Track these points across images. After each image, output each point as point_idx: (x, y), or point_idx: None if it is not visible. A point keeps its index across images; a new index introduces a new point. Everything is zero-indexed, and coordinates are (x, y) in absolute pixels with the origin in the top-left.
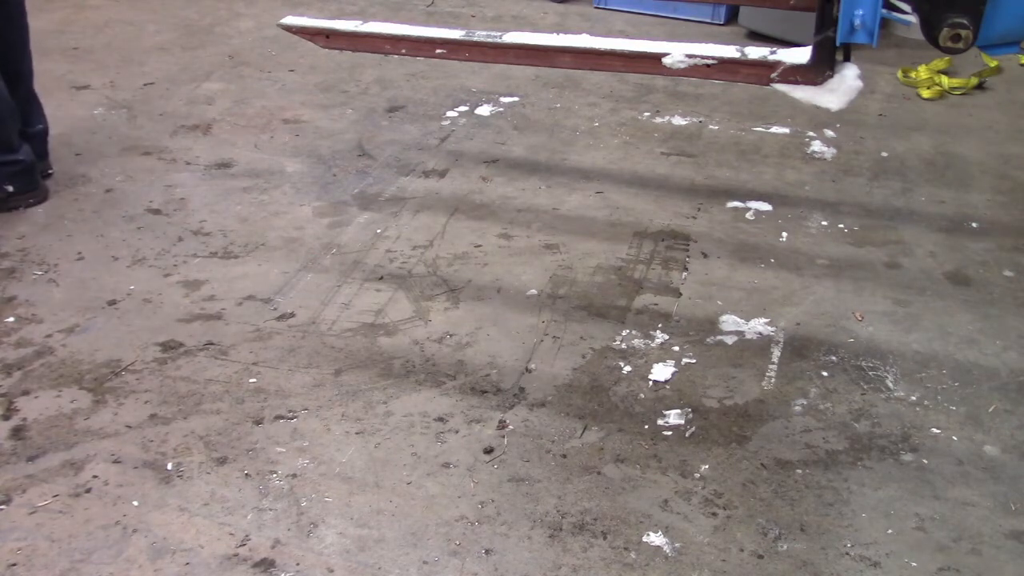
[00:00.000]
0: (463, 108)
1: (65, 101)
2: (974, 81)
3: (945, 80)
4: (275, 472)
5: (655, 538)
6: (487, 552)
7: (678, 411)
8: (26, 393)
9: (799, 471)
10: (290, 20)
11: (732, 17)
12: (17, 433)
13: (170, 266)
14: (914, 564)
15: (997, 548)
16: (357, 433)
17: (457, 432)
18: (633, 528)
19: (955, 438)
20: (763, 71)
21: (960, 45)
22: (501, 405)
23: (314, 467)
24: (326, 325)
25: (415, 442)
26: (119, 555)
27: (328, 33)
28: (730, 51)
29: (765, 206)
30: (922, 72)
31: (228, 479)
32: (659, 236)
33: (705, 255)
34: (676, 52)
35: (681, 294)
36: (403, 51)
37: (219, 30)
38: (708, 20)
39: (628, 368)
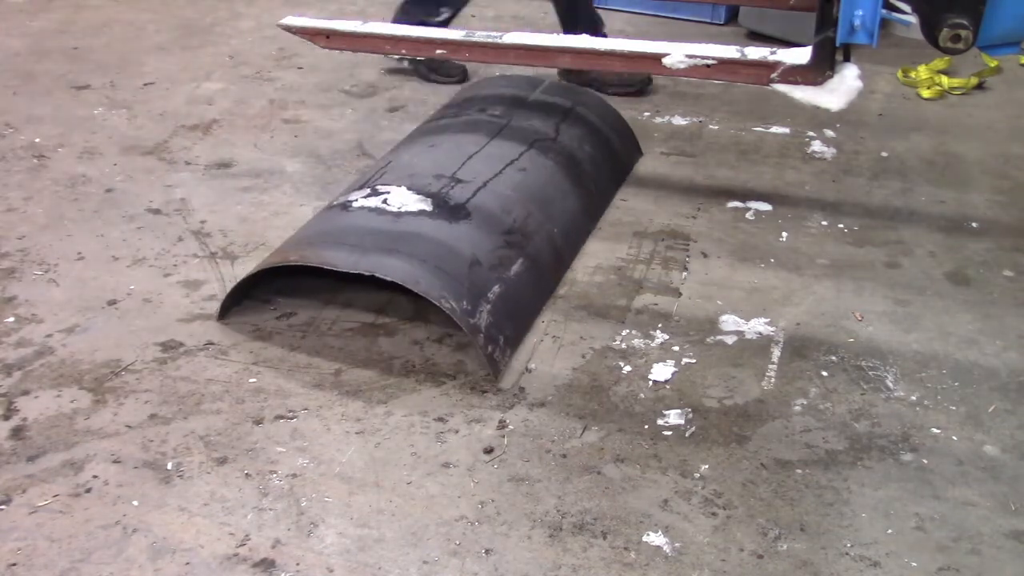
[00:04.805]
0: None
1: (65, 101)
2: (974, 81)
3: (945, 80)
4: (275, 472)
5: (655, 538)
6: (487, 552)
7: (678, 411)
8: (26, 393)
9: (799, 471)
10: (290, 20)
11: (732, 17)
12: (17, 433)
13: (170, 266)
14: (914, 564)
15: (997, 548)
16: (357, 433)
17: (457, 432)
18: (633, 528)
19: (955, 438)
20: (763, 71)
21: (960, 45)
22: (501, 405)
23: (314, 467)
24: (326, 325)
25: (415, 442)
26: (119, 555)
27: (328, 33)
28: (730, 51)
29: (765, 206)
30: (922, 72)
31: (228, 479)
32: (659, 236)
33: (705, 255)
34: (676, 52)
35: (681, 294)
36: (403, 51)
37: (219, 30)
38: (708, 20)
39: (628, 368)
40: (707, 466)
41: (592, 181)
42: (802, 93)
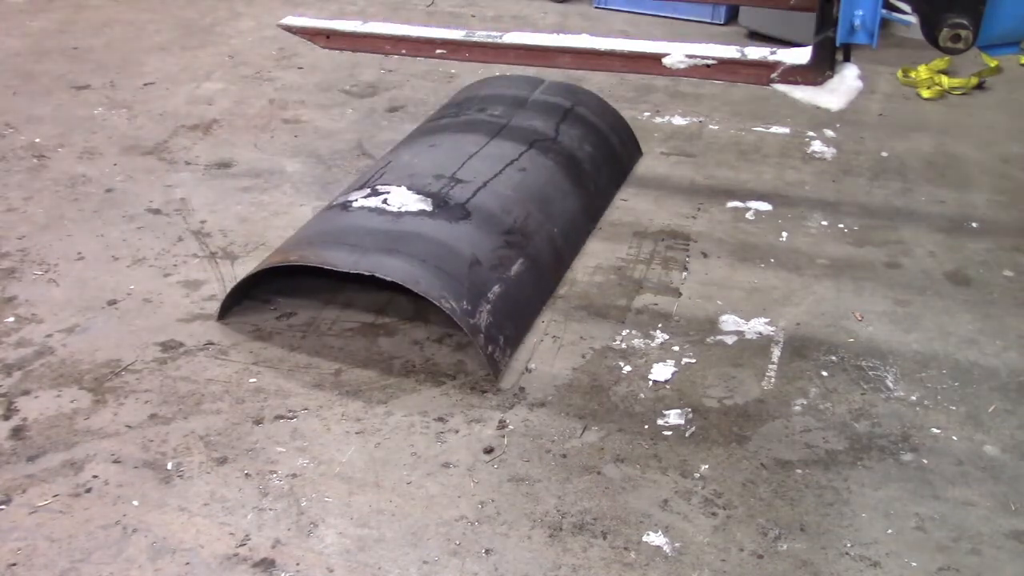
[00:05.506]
0: None
1: (65, 101)
2: (974, 81)
3: (945, 80)
4: (275, 472)
5: (655, 538)
6: (487, 552)
7: (678, 411)
8: (26, 393)
9: (799, 471)
10: (290, 20)
11: (732, 17)
12: (17, 433)
13: (170, 266)
14: (914, 564)
15: (997, 548)
16: (357, 433)
17: (457, 432)
18: (633, 528)
19: (955, 438)
20: (763, 71)
21: (960, 45)
22: (501, 405)
23: (314, 467)
24: (326, 325)
25: (415, 442)
26: (119, 555)
27: (328, 33)
28: (730, 51)
29: (765, 206)
30: (922, 72)
31: (228, 479)
32: (659, 236)
33: (705, 255)
34: (676, 52)
35: (681, 294)
36: (403, 51)
37: (219, 30)
38: (708, 20)
39: (628, 368)
40: (707, 466)
41: (592, 181)
42: (802, 93)
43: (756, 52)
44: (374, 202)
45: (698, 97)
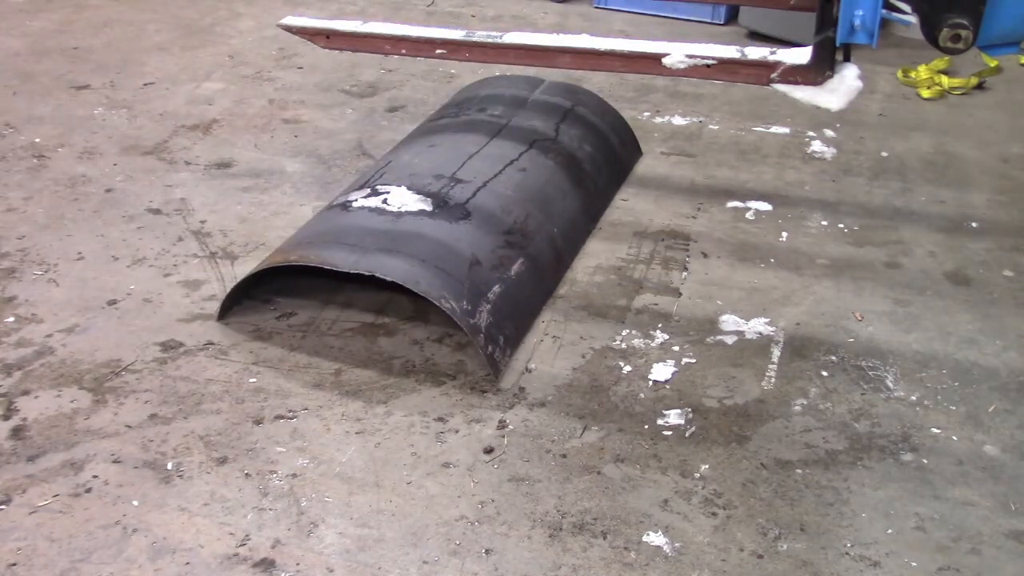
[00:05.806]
0: None
1: (65, 101)
2: (974, 81)
3: (945, 80)
4: (275, 472)
5: (655, 538)
6: (487, 552)
7: (678, 411)
8: (26, 393)
9: (799, 471)
10: (290, 20)
11: (732, 17)
12: (17, 433)
13: (170, 266)
14: (914, 564)
15: (997, 548)
16: (357, 433)
17: (457, 432)
18: (633, 528)
19: (955, 438)
20: (763, 71)
21: (960, 45)
22: (501, 405)
23: (314, 467)
24: (326, 325)
25: (415, 442)
26: (119, 555)
27: (328, 33)
28: (730, 51)
29: (765, 206)
30: (922, 72)
31: (228, 479)
32: (659, 236)
33: (705, 255)
34: (676, 52)
35: (681, 294)
36: (403, 51)
37: (219, 30)
38: (708, 20)
39: (628, 368)
40: (707, 466)
41: (592, 181)
42: (802, 93)
43: (756, 52)
44: (374, 202)
45: (698, 97)
